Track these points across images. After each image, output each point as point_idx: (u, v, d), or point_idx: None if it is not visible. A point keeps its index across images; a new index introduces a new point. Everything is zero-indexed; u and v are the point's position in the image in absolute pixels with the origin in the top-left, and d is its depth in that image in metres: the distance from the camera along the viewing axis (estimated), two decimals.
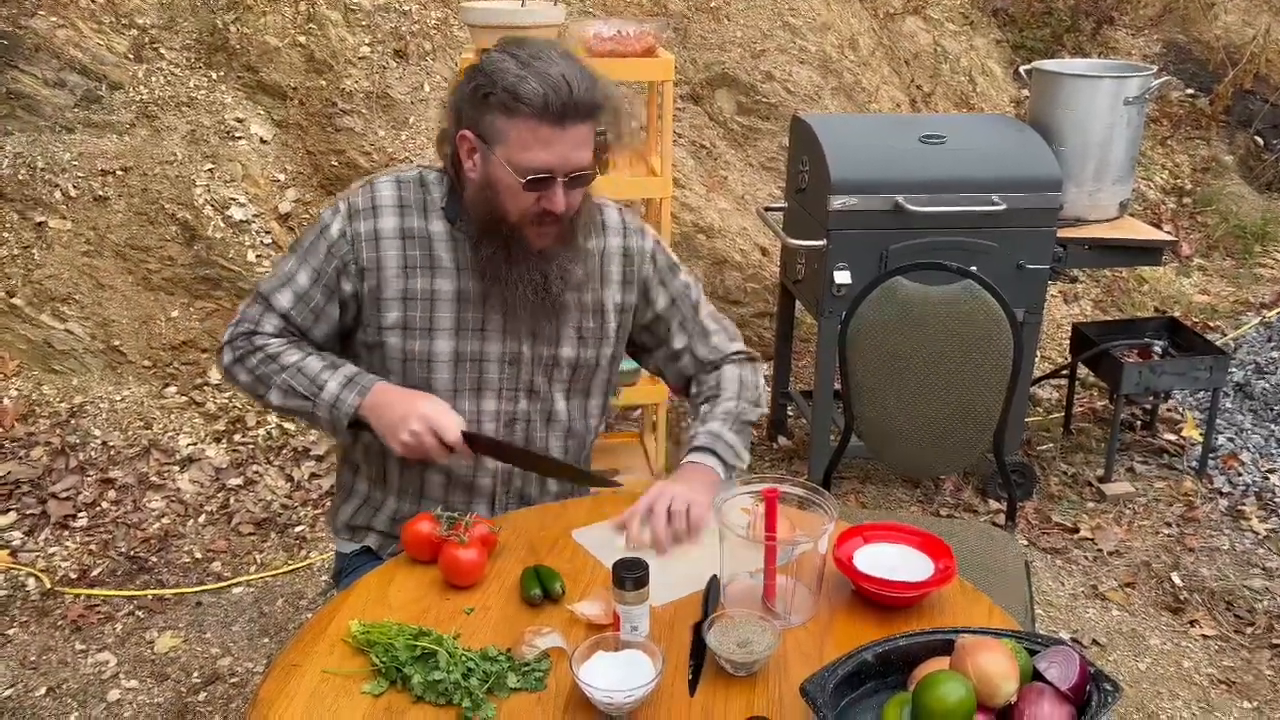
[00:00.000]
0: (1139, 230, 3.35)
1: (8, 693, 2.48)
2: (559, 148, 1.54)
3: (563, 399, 1.76)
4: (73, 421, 3.31)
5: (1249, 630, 2.78)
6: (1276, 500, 3.33)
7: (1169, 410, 3.83)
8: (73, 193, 3.51)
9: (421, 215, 1.67)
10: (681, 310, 1.83)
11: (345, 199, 1.69)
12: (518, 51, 1.54)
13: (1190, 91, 5.41)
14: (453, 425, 1.58)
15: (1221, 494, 3.38)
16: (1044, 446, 3.61)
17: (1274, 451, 3.58)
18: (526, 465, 1.74)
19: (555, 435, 1.77)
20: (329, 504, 3.14)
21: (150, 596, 2.82)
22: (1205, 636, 2.75)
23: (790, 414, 3.70)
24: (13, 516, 3.03)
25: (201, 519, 3.11)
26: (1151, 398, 3.70)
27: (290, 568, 2.95)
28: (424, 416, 1.56)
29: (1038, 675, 1.19)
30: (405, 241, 1.66)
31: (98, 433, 3.30)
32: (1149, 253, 3.35)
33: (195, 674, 2.56)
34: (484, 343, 1.69)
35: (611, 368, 1.82)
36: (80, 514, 3.07)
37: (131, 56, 3.76)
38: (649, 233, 1.83)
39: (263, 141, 3.79)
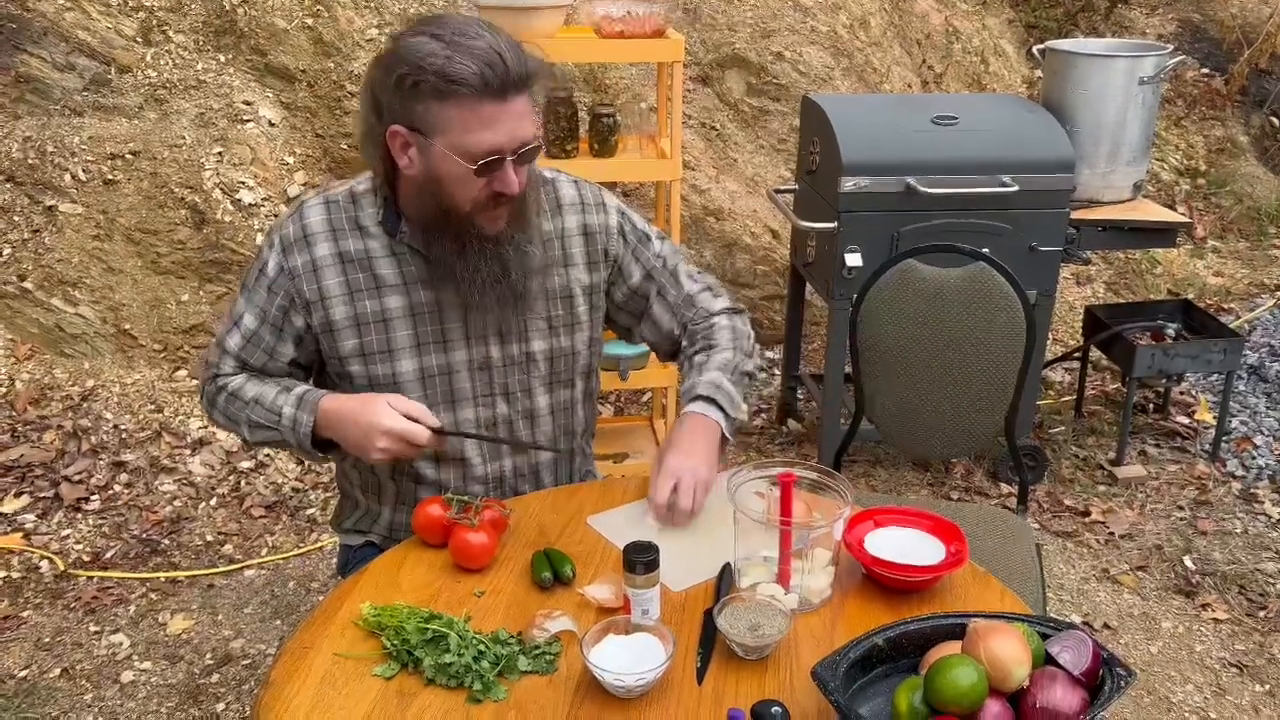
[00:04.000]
0: (1153, 212, 3.32)
1: (23, 674, 2.50)
2: (505, 124, 1.45)
3: (544, 394, 1.70)
4: (84, 405, 3.32)
5: (1261, 614, 2.77)
6: None
7: (1182, 393, 3.80)
8: (82, 176, 3.51)
9: (356, 234, 1.59)
10: (658, 281, 1.76)
11: (277, 231, 1.61)
12: (436, 30, 1.44)
13: (1205, 71, 5.35)
14: (418, 429, 1.52)
15: (1235, 477, 3.36)
16: (1056, 430, 3.60)
17: None
18: (496, 442, 1.70)
19: (542, 433, 1.73)
20: (336, 487, 3.15)
21: (163, 579, 2.83)
22: (1217, 620, 2.74)
23: (800, 397, 3.69)
24: (26, 500, 3.04)
25: (213, 502, 3.12)
26: (1164, 380, 3.68)
27: (301, 551, 2.96)
28: (387, 432, 1.50)
29: (1050, 660, 1.19)
30: (345, 266, 1.59)
31: (109, 416, 3.31)
32: (1163, 234, 3.33)
33: (208, 655, 2.57)
34: (448, 353, 1.63)
35: (591, 352, 1.75)
36: (93, 497, 3.08)
37: (140, 39, 3.75)
38: (611, 204, 1.74)
39: (271, 124, 3.78)
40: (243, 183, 3.62)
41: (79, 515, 3.03)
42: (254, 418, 1.61)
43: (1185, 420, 3.66)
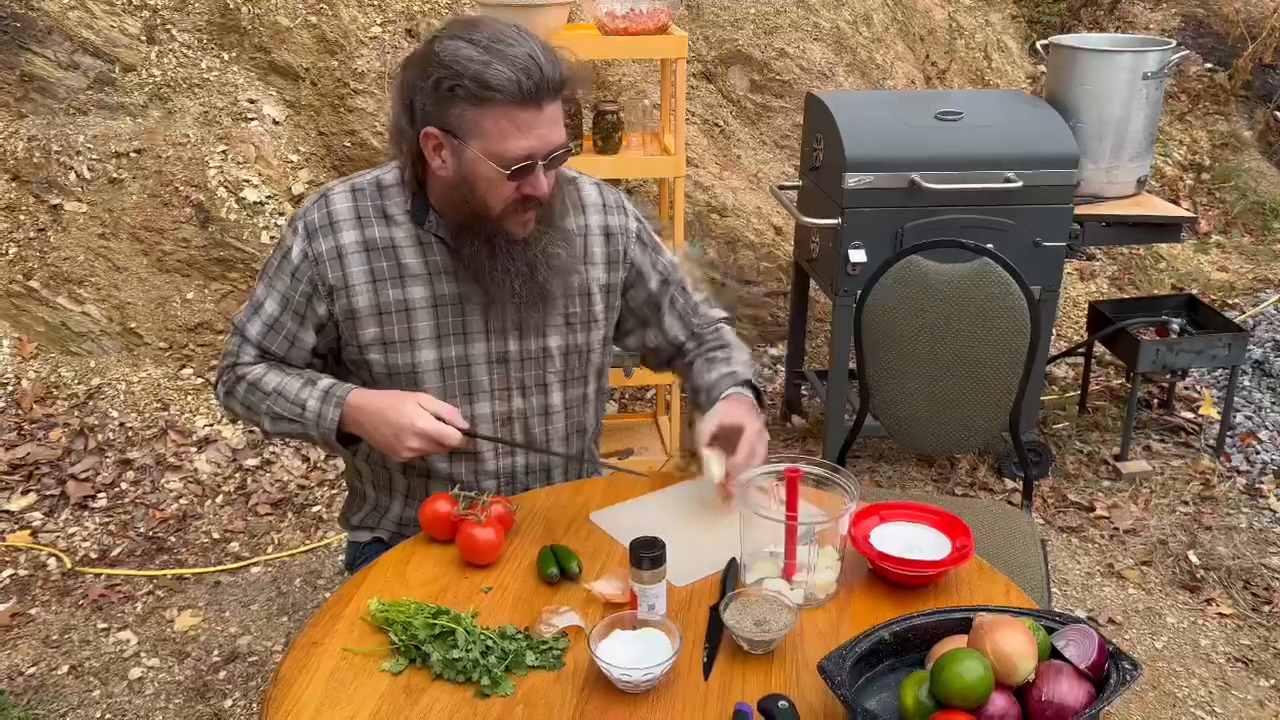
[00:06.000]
0: (1157, 207, 3.32)
1: (31, 671, 2.51)
2: (538, 130, 1.47)
3: (558, 390, 1.72)
4: (90, 403, 3.33)
5: (1267, 609, 2.77)
6: None
7: (1186, 388, 3.80)
8: (87, 175, 3.52)
9: (382, 223, 1.60)
10: (671, 289, 1.80)
11: (302, 217, 1.61)
12: (473, 36, 1.45)
13: (1209, 66, 5.34)
14: (452, 432, 1.53)
15: (1239, 472, 3.36)
16: (1060, 425, 3.60)
17: None
18: (527, 449, 1.73)
19: (555, 429, 1.74)
20: (344, 485, 3.16)
21: (170, 576, 2.84)
22: (1222, 615, 2.75)
23: (804, 394, 3.69)
24: (33, 497, 3.05)
25: (219, 499, 3.13)
26: (1169, 376, 3.68)
27: (307, 548, 2.97)
28: (420, 433, 1.51)
29: (1056, 654, 1.19)
30: (370, 254, 1.59)
31: (115, 414, 3.32)
32: (1167, 229, 3.32)
33: (215, 652, 2.58)
34: (468, 346, 1.64)
35: (604, 351, 1.77)
36: (99, 494, 3.09)
37: (144, 38, 3.76)
38: (630, 210, 1.77)
39: (275, 123, 3.78)
40: (247, 181, 3.63)
41: (85, 513, 3.04)
42: (276, 409, 1.61)
43: (1190, 415, 3.65)
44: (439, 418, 1.53)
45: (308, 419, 1.59)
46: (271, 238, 3.60)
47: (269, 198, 3.65)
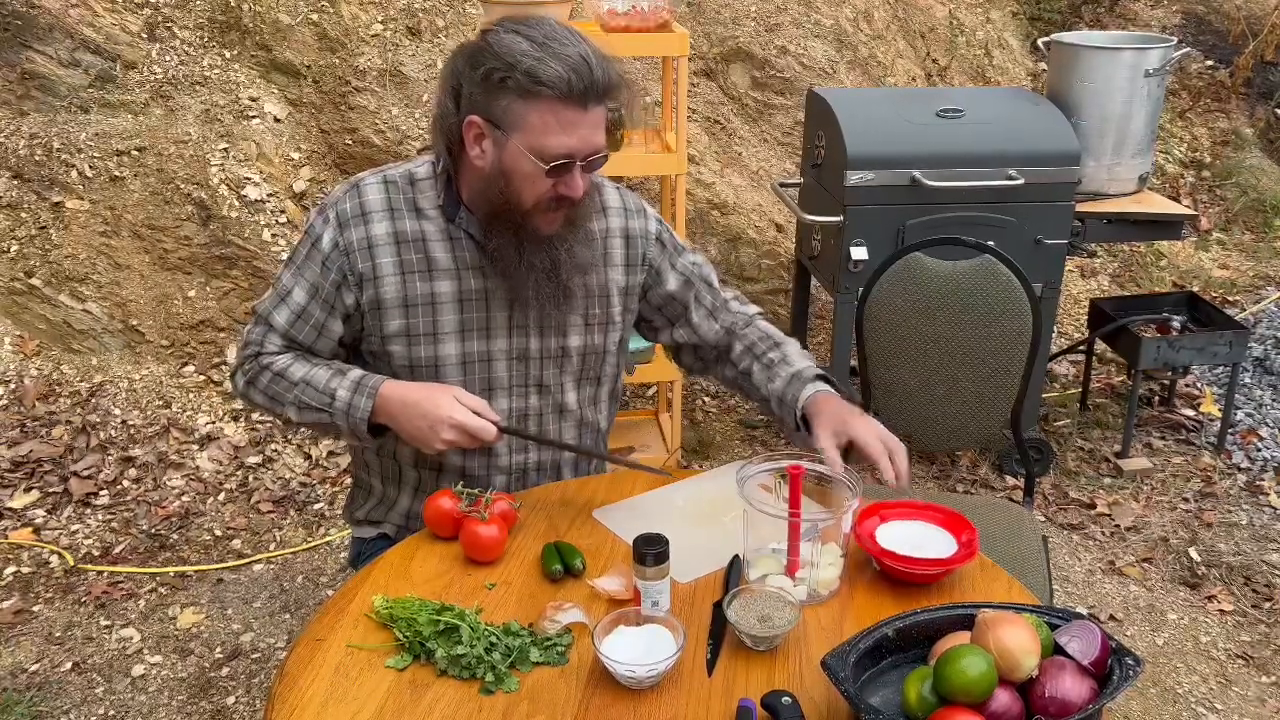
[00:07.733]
0: (1158, 204, 3.32)
1: (34, 668, 2.51)
2: (581, 131, 1.49)
3: (573, 390, 1.73)
4: (93, 400, 3.34)
5: (1267, 605, 2.77)
6: None
7: (1187, 386, 3.81)
8: (89, 173, 3.52)
9: (413, 216, 1.61)
10: (695, 287, 1.81)
11: (333, 206, 1.62)
12: (529, 31, 1.48)
13: (1210, 63, 5.34)
14: (489, 427, 1.54)
15: (1240, 469, 3.37)
16: (1061, 422, 3.60)
17: None
18: (560, 448, 1.74)
19: (568, 427, 1.75)
20: (347, 481, 3.16)
21: (172, 573, 2.84)
22: (1223, 611, 2.75)
23: None
24: (35, 495, 3.06)
25: (221, 497, 3.13)
26: (1170, 373, 3.68)
27: (309, 545, 2.97)
28: (457, 425, 1.53)
29: (1059, 650, 1.19)
30: (399, 246, 1.60)
31: (117, 412, 3.32)
32: (1168, 227, 3.33)
33: (218, 649, 2.59)
34: (490, 341, 1.65)
35: (619, 352, 1.79)
36: (102, 492, 3.10)
37: (145, 35, 3.76)
38: (650, 213, 1.79)
39: (277, 120, 3.78)
40: (248, 179, 3.63)
41: (88, 510, 3.04)
42: (303, 399, 1.61)
43: (1190, 413, 3.66)
44: (473, 412, 1.55)
45: (337, 409, 1.59)
46: (273, 235, 3.60)
47: (270, 195, 3.65)
